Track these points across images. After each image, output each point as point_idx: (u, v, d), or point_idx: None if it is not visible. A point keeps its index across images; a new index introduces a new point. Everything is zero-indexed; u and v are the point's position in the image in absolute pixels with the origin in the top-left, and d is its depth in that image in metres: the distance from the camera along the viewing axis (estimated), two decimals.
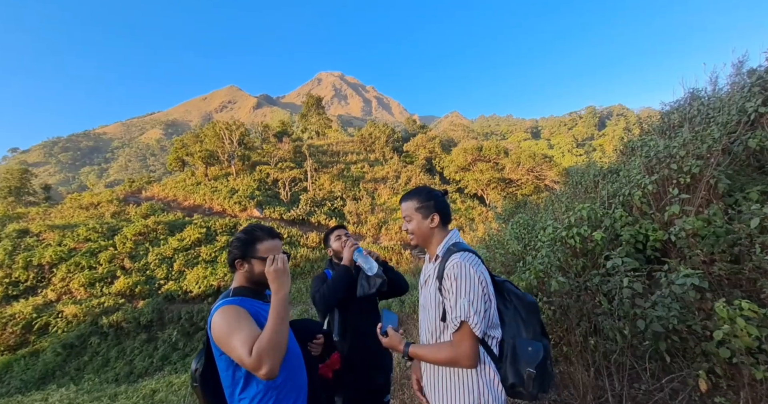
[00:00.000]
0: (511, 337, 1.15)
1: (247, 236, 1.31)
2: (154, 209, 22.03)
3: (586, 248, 2.43)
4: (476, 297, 1.09)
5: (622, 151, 4.89)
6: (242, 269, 1.29)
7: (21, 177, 29.86)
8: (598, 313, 1.87)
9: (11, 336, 12.05)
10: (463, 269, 1.11)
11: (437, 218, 1.28)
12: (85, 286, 14.52)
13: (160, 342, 12.19)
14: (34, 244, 16.73)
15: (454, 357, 1.11)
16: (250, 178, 27.25)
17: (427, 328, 1.27)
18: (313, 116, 47.70)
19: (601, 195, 2.85)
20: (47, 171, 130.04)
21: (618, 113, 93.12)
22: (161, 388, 7.92)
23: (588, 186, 3.98)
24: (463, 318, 1.08)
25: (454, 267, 1.13)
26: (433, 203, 1.29)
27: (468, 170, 33.38)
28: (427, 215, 1.29)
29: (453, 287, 1.11)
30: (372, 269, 1.77)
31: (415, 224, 1.31)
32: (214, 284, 15.09)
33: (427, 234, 1.30)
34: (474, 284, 1.10)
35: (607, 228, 2.42)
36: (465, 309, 1.08)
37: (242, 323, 1.10)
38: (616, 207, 2.61)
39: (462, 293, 1.09)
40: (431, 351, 1.18)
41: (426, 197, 1.31)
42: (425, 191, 1.33)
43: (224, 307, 1.16)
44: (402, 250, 19.88)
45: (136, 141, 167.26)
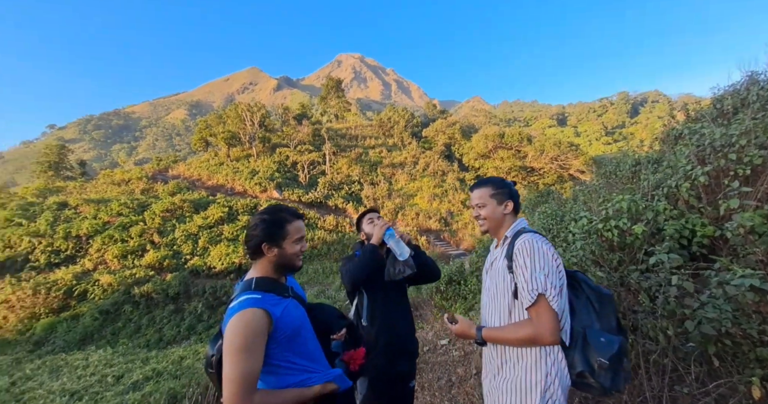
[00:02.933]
0: (581, 327, 1.12)
1: (274, 217, 1.24)
2: (180, 187, 22.88)
3: (623, 242, 2.29)
4: (552, 272, 1.08)
5: (664, 139, 4.56)
6: (270, 253, 1.21)
7: (59, 153, 31.58)
8: (638, 311, 1.77)
9: (54, 300, 13.11)
10: (536, 245, 1.12)
11: (511, 205, 1.33)
12: (118, 257, 15.47)
13: (186, 313, 12.95)
14: (72, 216, 17.85)
15: (533, 333, 1.07)
16: (270, 160, 27.66)
17: (494, 311, 1.26)
18: (333, 99, 47.29)
19: (642, 186, 2.66)
20: (82, 148, 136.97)
21: (653, 100, 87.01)
22: (188, 355, 8.45)
23: (624, 176, 3.75)
24: (540, 290, 1.06)
25: (526, 243, 1.14)
26: (507, 191, 1.35)
27: (488, 157, 32.48)
28: (502, 202, 1.33)
29: (527, 262, 1.11)
30: (403, 255, 1.70)
31: (489, 210, 1.34)
32: (236, 262, 15.71)
33: (500, 220, 1.34)
34: (548, 259, 1.10)
35: (648, 222, 2.27)
36: (541, 281, 1.06)
37: (252, 349, 1.03)
38: (659, 199, 2.43)
39: (537, 266, 1.09)
40: (508, 331, 1.15)
41: (500, 184, 1.37)
42: (499, 179, 1.40)
43: (246, 314, 1.06)
44: (418, 236, 19.88)
45: (162, 121, 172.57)
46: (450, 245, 20.25)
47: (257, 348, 1.04)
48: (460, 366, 3.58)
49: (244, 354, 1.01)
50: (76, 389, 7.22)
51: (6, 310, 12.49)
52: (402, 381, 1.80)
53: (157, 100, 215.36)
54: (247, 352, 1.01)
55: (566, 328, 1.12)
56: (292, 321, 1.16)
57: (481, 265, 6.39)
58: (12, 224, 16.80)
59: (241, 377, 0.99)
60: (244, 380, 0.99)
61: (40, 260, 14.94)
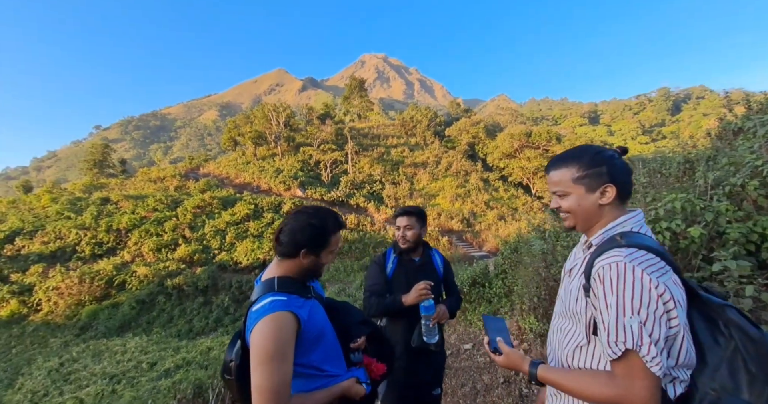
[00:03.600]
0: (713, 389, 0.76)
1: (321, 224, 1.16)
2: (210, 185, 23.91)
3: (676, 246, 2.08)
4: (650, 317, 0.73)
5: (719, 134, 4.15)
6: (306, 259, 1.14)
7: (103, 152, 34.00)
8: None
9: (97, 288, 14.10)
10: (632, 275, 0.74)
11: (613, 190, 0.87)
12: (153, 251, 16.39)
13: (214, 306, 13.50)
14: (113, 211, 19.13)
15: (616, 396, 0.75)
16: (294, 159, 28.30)
17: (564, 329, 0.94)
18: (356, 98, 47.68)
19: (698, 185, 2.41)
20: (123, 147, 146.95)
21: (698, 96, 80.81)
22: (215, 347, 8.79)
23: (672, 175, 3.44)
24: (629, 345, 0.73)
25: (611, 268, 0.76)
26: (605, 169, 0.87)
27: (514, 156, 31.46)
28: (595, 187, 0.88)
29: (609, 299, 0.76)
30: (430, 340, 1.65)
31: (573, 201, 0.91)
32: (260, 258, 16.18)
33: (591, 214, 0.90)
34: (646, 297, 0.73)
35: (707, 224, 2.04)
36: (634, 332, 0.73)
37: (284, 355, 0.97)
38: (720, 199, 2.18)
39: (626, 308, 0.74)
40: (578, 381, 0.82)
41: (592, 160, 0.89)
42: (591, 151, 0.91)
43: (277, 317, 0.99)
44: (439, 236, 19.59)
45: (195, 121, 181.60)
46: (472, 247, 19.79)
47: (289, 354, 0.98)
48: (485, 373, 3.43)
49: (276, 361, 0.94)
50: (115, 373, 7.70)
51: (56, 296, 13.58)
52: (423, 387, 1.76)
53: (191, 101, 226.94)
54: (280, 359, 0.95)
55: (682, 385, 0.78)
56: (316, 323, 1.10)
57: (507, 267, 6.14)
58: (62, 218, 18.26)
59: (275, 387, 0.92)
60: (278, 390, 0.93)
61: (86, 251, 16.13)
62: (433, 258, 1.96)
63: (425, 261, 1.92)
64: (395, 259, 1.88)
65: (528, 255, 4.11)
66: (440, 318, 1.72)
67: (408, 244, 1.83)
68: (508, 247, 6.61)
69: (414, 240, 1.84)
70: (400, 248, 1.87)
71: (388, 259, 1.89)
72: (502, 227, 21.45)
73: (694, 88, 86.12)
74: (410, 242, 1.83)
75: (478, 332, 4.84)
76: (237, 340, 1.07)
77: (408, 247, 1.85)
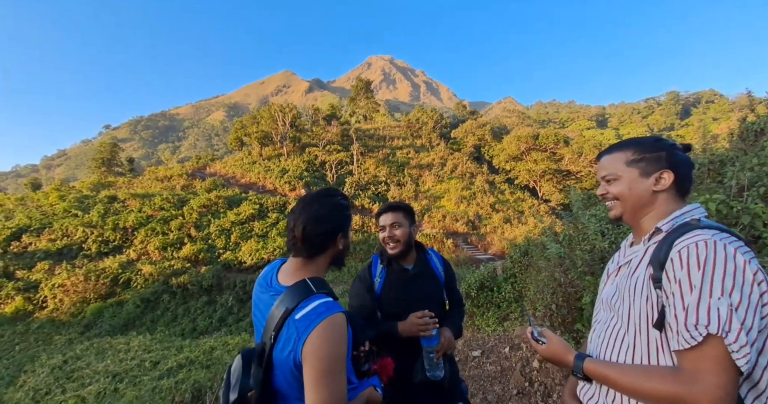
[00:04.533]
0: None
1: (343, 203, 1.03)
2: (216, 184, 24.02)
3: None
4: (746, 301, 0.62)
5: (741, 135, 3.99)
6: (341, 244, 1.01)
7: (111, 151, 34.40)
8: None
9: (102, 286, 14.15)
10: (719, 249, 0.65)
11: (670, 177, 0.79)
12: (159, 249, 16.44)
13: (218, 305, 13.46)
14: (120, 209, 19.27)
15: (680, 393, 0.62)
16: (299, 159, 28.35)
17: (612, 336, 0.82)
18: (362, 100, 47.77)
19: (729, 186, 2.27)
20: (132, 146, 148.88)
21: (708, 100, 79.64)
22: (218, 346, 8.73)
23: (697, 176, 3.29)
24: (713, 330, 0.61)
25: (698, 247, 0.67)
26: (664, 155, 0.81)
27: (520, 159, 31.20)
28: (651, 172, 0.81)
29: (695, 278, 0.65)
30: (435, 376, 1.38)
31: (624, 185, 0.83)
32: (265, 257, 16.15)
33: (643, 201, 0.82)
34: (740, 277, 0.63)
35: (744, 227, 1.90)
36: (721, 315, 0.61)
37: (344, 362, 0.85)
38: (754, 201, 2.05)
39: (716, 287, 0.62)
40: (632, 375, 0.71)
41: (652, 145, 0.83)
42: (652, 138, 0.86)
43: (337, 318, 0.86)
44: (444, 238, 19.42)
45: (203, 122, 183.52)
46: (477, 249, 19.58)
47: (344, 361, 0.85)
48: (496, 382, 3.29)
49: (341, 372, 0.83)
50: (117, 371, 7.66)
51: (62, 294, 13.65)
52: None
53: (199, 102, 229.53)
54: (344, 367, 0.84)
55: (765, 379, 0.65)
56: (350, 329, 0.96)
57: (516, 271, 5.98)
58: (70, 215, 18.42)
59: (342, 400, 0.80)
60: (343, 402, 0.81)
61: (92, 249, 16.23)
62: (431, 262, 1.62)
63: (422, 269, 1.56)
64: (383, 271, 1.53)
65: (542, 259, 3.96)
66: (447, 348, 1.41)
67: (398, 247, 1.49)
68: (517, 250, 6.46)
69: (405, 241, 1.50)
70: (389, 255, 1.51)
71: (375, 271, 1.55)
72: (508, 229, 21.22)
73: (704, 92, 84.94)
74: (401, 244, 1.49)
75: (486, 338, 4.70)
76: (251, 365, 0.90)
77: (399, 251, 1.49)
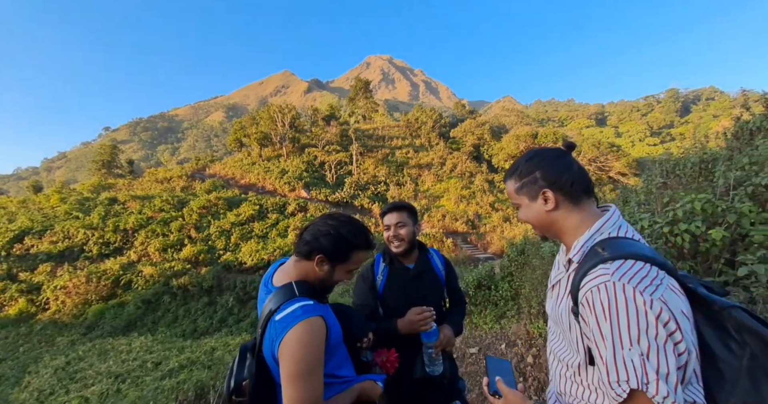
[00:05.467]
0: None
1: (350, 236, 1.06)
2: (215, 185, 24.08)
3: (696, 248, 2.00)
4: (654, 346, 0.61)
5: (736, 134, 4.05)
6: (319, 267, 1.04)
7: (111, 152, 34.46)
8: None
9: (104, 288, 14.23)
10: (618, 294, 0.64)
11: (551, 194, 0.81)
12: (159, 251, 16.51)
13: (218, 306, 13.53)
14: (120, 211, 19.34)
15: None
16: (299, 160, 28.40)
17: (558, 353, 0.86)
18: (361, 100, 47.79)
19: (717, 185, 2.33)
20: (131, 148, 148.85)
21: (708, 97, 79.65)
22: (219, 347, 8.79)
23: (688, 175, 3.35)
24: (633, 385, 0.61)
25: (600, 291, 0.66)
26: (538, 174, 0.82)
27: None
28: (535, 195, 0.83)
29: (604, 328, 0.65)
30: (434, 371, 1.41)
31: (523, 212, 0.87)
32: (265, 258, 16.21)
33: (545, 223, 0.84)
34: (644, 321, 0.62)
35: (730, 226, 1.96)
36: (637, 369, 0.61)
37: (320, 362, 0.91)
38: (742, 200, 2.10)
39: (624, 337, 0.63)
40: None
41: (525, 168, 0.85)
42: (525, 158, 0.87)
43: (311, 322, 0.91)
44: (444, 238, 19.48)
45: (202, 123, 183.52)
46: (477, 249, 19.64)
47: (322, 363, 0.91)
48: None
49: (315, 372, 0.88)
50: (120, 372, 7.72)
51: (64, 295, 13.73)
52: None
53: (198, 103, 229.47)
54: (318, 368, 0.89)
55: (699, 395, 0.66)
56: (337, 329, 1.03)
57: (513, 270, 6.04)
58: (71, 217, 18.50)
59: (314, 399, 0.86)
60: (315, 401, 0.86)
61: (93, 250, 16.30)
62: (432, 262, 1.67)
63: (423, 268, 1.61)
64: (385, 269, 1.58)
65: (536, 258, 4.03)
66: (445, 345, 1.45)
67: (403, 245, 1.54)
68: (514, 249, 6.52)
69: (409, 239, 1.56)
70: (392, 253, 1.58)
71: (377, 270, 1.60)
72: (508, 228, 21.27)
73: (704, 90, 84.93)
74: (405, 243, 1.55)
75: (484, 336, 4.76)
76: (246, 356, 0.98)
77: (403, 249, 1.55)
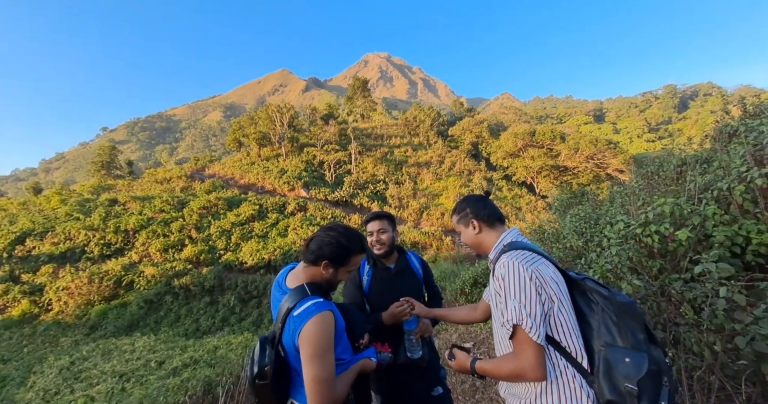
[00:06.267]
0: (601, 345, 0.97)
1: (348, 244, 1.28)
2: (215, 185, 24.18)
3: (665, 248, 2.15)
4: (528, 299, 0.97)
5: (715, 137, 4.19)
6: (326, 271, 1.26)
7: (110, 154, 34.49)
8: (680, 323, 1.66)
9: (106, 288, 14.37)
10: (511, 268, 1.01)
11: (476, 222, 1.26)
12: (160, 251, 16.64)
13: (220, 306, 13.69)
14: (121, 212, 19.44)
15: (516, 368, 0.98)
16: (298, 159, 28.49)
17: (498, 338, 1.17)
18: (359, 98, 47.78)
19: (688, 188, 2.47)
20: (130, 148, 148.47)
21: (705, 93, 79.78)
22: (221, 345, 8.94)
23: (668, 177, 3.49)
24: (515, 321, 0.97)
25: (501, 267, 1.05)
26: (468, 210, 1.29)
27: (517, 156, 31.39)
28: (467, 224, 1.29)
29: (501, 289, 1.03)
30: (413, 354, 1.59)
31: (463, 236, 1.32)
32: (265, 258, 16.36)
33: (476, 242, 1.28)
34: (524, 284, 0.98)
35: (694, 227, 2.11)
36: (516, 311, 0.97)
37: (332, 346, 1.12)
38: (708, 203, 2.25)
39: (511, 294, 0.99)
40: (496, 366, 1.07)
41: (459, 207, 1.34)
42: (459, 201, 1.37)
43: (324, 315, 1.12)
44: (443, 236, 19.65)
45: (200, 123, 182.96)
46: None
47: (333, 348, 1.13)
48: None
49: (328, 354, 1.09)
50: (124, 371, 7.88)
51: (66, 296, 13.87)
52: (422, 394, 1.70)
53: (196, 103, 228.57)
54: (329, 352, 1.10)
55: (581, 349, 0.98)
56: (341, 321, 1.24)
57: None
58: (72, 219, 18.60)
59: (329, 376, 1.07)
60: (331, 378, 1.08)
61: (95, 251, 16.43)
62: (410, 262, 1.90)
63: (402, 267, 1.83)
64: (370, 271, 1.79)
65: None
66: (423, 332, 1.65)
67: (384, 248, 1.77)
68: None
69: (389, 243, 1.78)
70: (375, 256, 1.80)
71: (363, 272, 1.80)
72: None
73: (702, 85, 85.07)
74: (386, 246, 1.77)
75: (479, 331, 4.92)
76: (266, 347, 1.18)
77: (384, 252, 1.77)
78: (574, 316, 1.03)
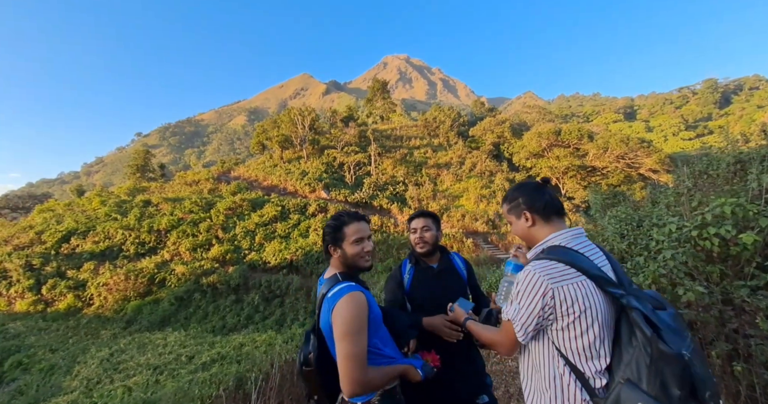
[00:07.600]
0: (623, 379, 0.91)
1: (336, 222, 1.36)
2: (240, 187, 25.00)
3: (726, 252, 1.97)
4: (527, 310, 1.00)
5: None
6: (336, 254, 1.34)
7: (144, 157, 36.50)
8: (751, 335, 1.50)
9: (141, 285, 15.16)
10: (529, 277, 1.01)
11: (529, 214, 1.15)
12: (189, 250, 17.38)
13: (245, 304, 14.09)
14: (154, 213, 20.50)
15: (493, 340, 1.16)
16: (318, 161, 28.95)
17: None
18: (378, 100, 48.00)
19: (751, 188, 2.26)
20: (161, 152, 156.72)
21: (751, 86, 73.93)
22: (247, 343, 9.19)
23: (721, 176, 3.23)
24: (509, 316, 1.06)
25: (522, 272, 1.06)
26: (520, 200, 1.18)
27: (541, 156, 30.34)
28: (519, 215, 1.18)
29: (515, 290, 1.07)
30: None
31: (513, 227, 1.23)
32: (288, 258, 16.70)
33: (527, 236, 1.18)
34: (532, 297, 0.99)
35: (761, 230, 1.92)
36: (514, 313, 1.04)
37: (364, 327, 1.13)
38: None
39: (517, 297, 1.04)
40: (482, 329, 1.26)
41: (511, 195, 1.23)
42: (512, 188, 1.24)
43: (354, 294, 1.15)
44: (464, 238, 19.29)
45: (225, 127, 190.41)
46: (498, 249, 19.31)
47: (366, 328, 1.14)
48: (517, 377, 3.38)
49: (359, 332, 1.11)
50: (157, 364, 8.25)
51: (106, 292, 14.76)
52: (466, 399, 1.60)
53: (222, 108, 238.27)
54: (361, 330, 1.11)
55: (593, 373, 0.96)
56: (376, 308, 1.25)
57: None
58: (110, 219, 19.81)
59: (361, 353, 1.09)
60: (363, 356, 1.09)
61: (131, 250, 17.40)
62: (454, 262, 1.85)
63: (445, 267, 1.79)
64: (412, 269, 1.77)
65: None
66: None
67: (426, 247, 1.74)
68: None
69: (432, 242, 1.75)
70: (417, 254, 1.77)
71: (404, 270, 1.78)
72: None
73: (747, 78, 78.87)
74: (429, 244, 1.74)
75: None
76: (310, 337, 1.24)
77: (426, 250, 1.74)
78: (609, 342, 0.98)
